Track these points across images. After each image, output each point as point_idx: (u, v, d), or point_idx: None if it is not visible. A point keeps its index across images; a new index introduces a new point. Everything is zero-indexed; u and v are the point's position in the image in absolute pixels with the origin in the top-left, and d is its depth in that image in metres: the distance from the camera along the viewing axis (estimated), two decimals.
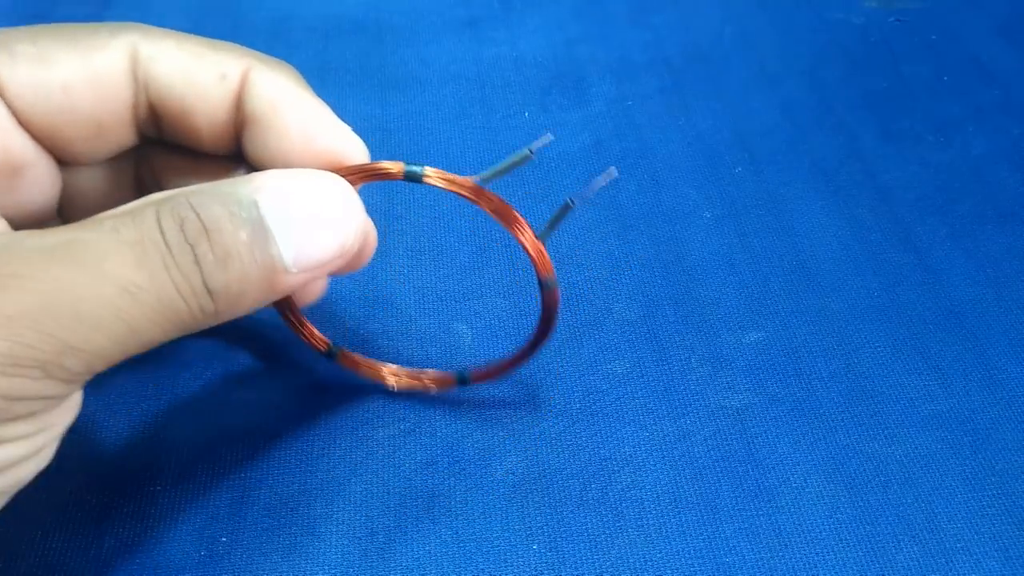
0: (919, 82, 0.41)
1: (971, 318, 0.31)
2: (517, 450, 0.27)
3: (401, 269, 0.33)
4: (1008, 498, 0.26)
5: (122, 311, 0.18)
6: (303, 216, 0.20)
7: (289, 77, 0.23)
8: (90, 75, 0.21)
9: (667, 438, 0.28)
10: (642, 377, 0.29)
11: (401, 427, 0.28)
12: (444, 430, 0.28)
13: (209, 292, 0.19)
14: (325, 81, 0.42)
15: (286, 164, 0.22)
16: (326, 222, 0.21)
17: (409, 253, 0.33)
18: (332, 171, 0.22)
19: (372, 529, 0.25)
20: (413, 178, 0.22)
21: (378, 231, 0.34)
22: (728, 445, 0.27)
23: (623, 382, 0.29)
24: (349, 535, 0.25)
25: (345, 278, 0.33)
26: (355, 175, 0.22)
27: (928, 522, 0.26)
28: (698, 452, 0.27)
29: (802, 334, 0.31)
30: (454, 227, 0.35)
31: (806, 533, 0.25)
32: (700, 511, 0.26)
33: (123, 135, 0.23)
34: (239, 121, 0.23)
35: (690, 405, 0.28)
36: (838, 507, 0.26)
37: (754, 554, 0.25)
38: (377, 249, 0.34)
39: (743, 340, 0.30)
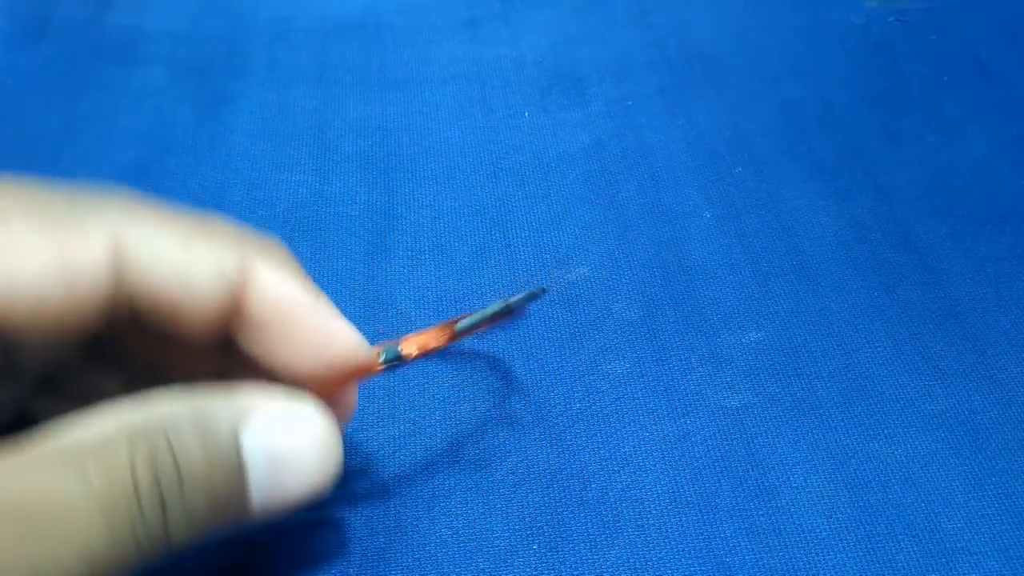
0: (919, 82, 0.41)
1: (971, 318, 0.31)
2: (517, 450, 0.27)
3: (401, 269, 0.33)
4: (1008, 498, 0.26)
5: (75, 572, 0.16)
6: (283, 462, 0.20)
7: (292, 273, 0.21)
8: (63, 270, 0.18)
9: (667, 438, 0.28)
10: (642, 377, 0.29)
11: (401, 428, 0.28)
12: (444, 430, 0.28)
13: (169, 539, 0.18)
14: (325, 81, 0.42)
15: (285, 367, 0.21)
16: (305, 469, 0.20)
17: (409, 253, 0.33)
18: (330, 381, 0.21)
19: (372, 529, 0.25)
20: (395, 363, 0.22)
21: (378, 231, 0.34)
22: (728, 445, 0.27)
23: (623, 382, 0.29)
24: (349, 535, 0.25)
25: (346, 278, 0.33)
26: (346, 381, 0.22)
27: (928, 522, 0.26)
28: (698, 452, 0.27)
29: (802, 334, 0.31)
30: (454, 227, 0.35)
31: (806, 533, 0.25)
32: (700, 511, 0.26)
33: (91, 325, 0.19)
34: (234, 318, 0.20)
35: (690, 405, 0.28)
36: (838, 507, 0.26)
37: (754, 554, 0.25)
38: (377, 249, 0.34)
39: (743, 340, 0.30)
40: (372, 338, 0.31)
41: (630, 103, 0.41)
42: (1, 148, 0.38)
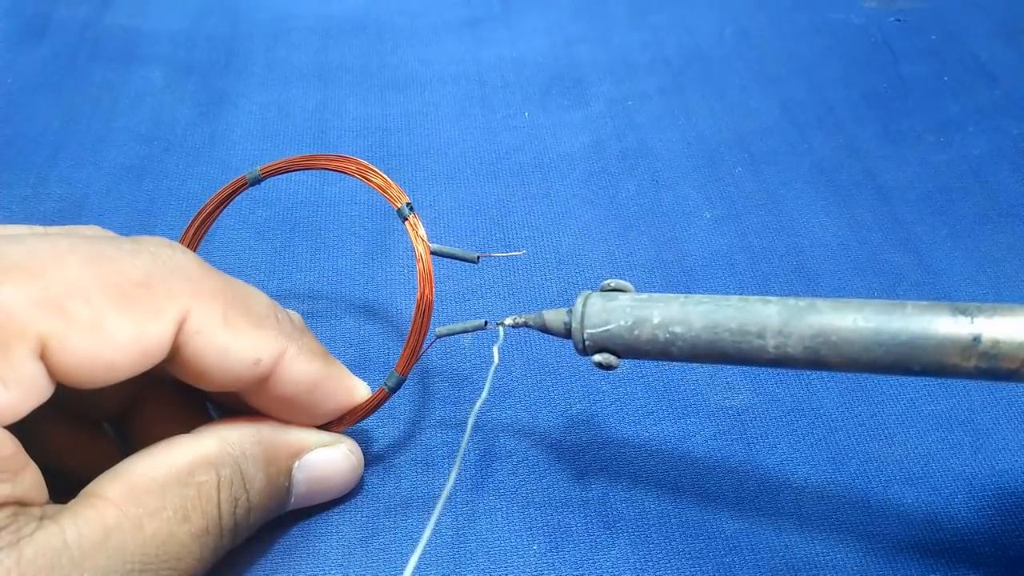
0: (919, 82, 0.41)
1: None
2: (518, 451, 0.27)
3: (400, 270, 0.33)
4: (1008, 498, 0.26)
5: None
6: (318, 484, 0.25)
7: (318, 357, 0.23)
8: (140, 350, 0.20)
9: (668, 438, 0.28)
10: (642, 377, 0.29)
11: (401, 428, 0.28)
12: (444, 431, 0.28)
13: (228, 548, 0.22)
14: (325, 81, 0.42)
15: (308, 422, 0.25)
16: (331, 489, 0.25)
17: (408, 253, 0.33)
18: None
19: (373, 529, 0.25)
20: (399, 386, 0.25)
21: (378, 231, 0.34)
22: (728, 446, 0.27)
23: (623, 382, 0.29)
24: (349, 535, 0.25)
25: (346, 279, 0.33)
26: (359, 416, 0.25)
27: (928, 522, 0.26)
28: (699, 452, 0.27)
29: None
30: (453, 227, 0.35)
31: (806, 533, 0.25)
32: (700, 511, 0.26)
33: (144, 376, 0.21)
34: (257, 388, 0.23)
35: (690, 406, 0.28)
36: (838, 507, 0.26)
37: (754, 554, 0.25)
38: (377, 249, 0.34)
39: None
40: (370, 339, 0.31)
41: (630, 103, 0.41)
42: (1, 148, 0.38)
